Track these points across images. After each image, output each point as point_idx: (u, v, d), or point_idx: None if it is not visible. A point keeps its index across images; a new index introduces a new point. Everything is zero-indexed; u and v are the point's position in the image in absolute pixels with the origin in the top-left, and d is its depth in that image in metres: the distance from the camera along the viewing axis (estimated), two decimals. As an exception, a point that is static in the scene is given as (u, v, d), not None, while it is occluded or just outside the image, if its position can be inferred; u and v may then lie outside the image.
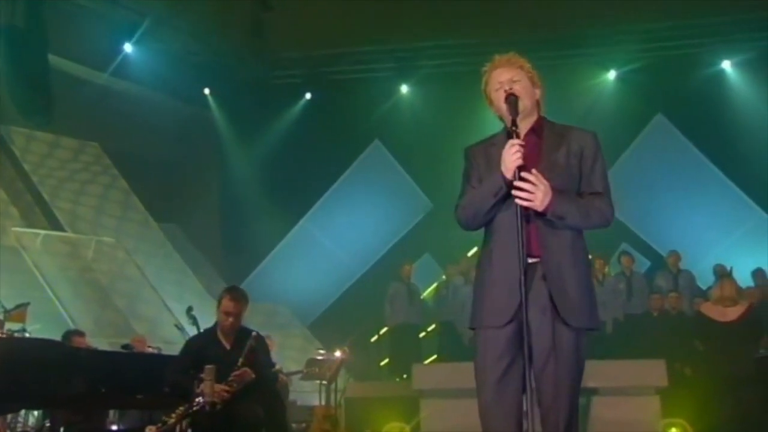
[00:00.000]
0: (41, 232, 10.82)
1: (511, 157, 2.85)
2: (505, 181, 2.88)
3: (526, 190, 2.81)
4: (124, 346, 7.83)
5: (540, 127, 3.11)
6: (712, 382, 6.65)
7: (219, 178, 14.15)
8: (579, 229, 3.00)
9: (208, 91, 13.76)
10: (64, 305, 9.97)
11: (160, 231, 12.35)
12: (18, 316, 7.49)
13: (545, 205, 2.84)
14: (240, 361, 4.92)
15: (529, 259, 2.87)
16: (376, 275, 12.79)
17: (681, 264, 10.50)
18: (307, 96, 14.08)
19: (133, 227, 12.04)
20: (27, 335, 7.19)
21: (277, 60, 13.73)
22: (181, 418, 4.68)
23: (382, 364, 11.67)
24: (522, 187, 2.82)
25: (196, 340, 5.30)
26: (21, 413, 7.08)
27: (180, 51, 12.65)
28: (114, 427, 7.35)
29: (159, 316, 10.54)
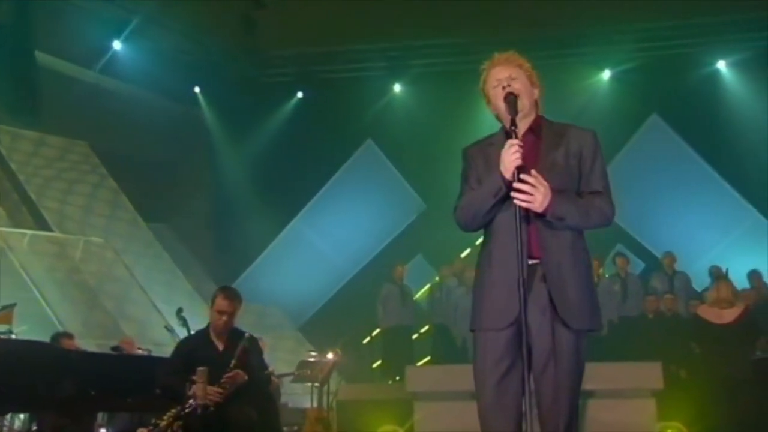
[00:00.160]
0: (28, 232, 10.75)
1: (510, 157, 2.83)
2: (505, 182, 2.87)
3: (525, 191, 2.81)
4: (114, 348, 7.79)
5: (538, 127, 3.09)
6: (709, 385, 6.67)
7: (209, 178, 14.12)
8: (579, 229, 2.99)
9: (198, 89, 13.75)
10: (51, 306, 9.90)
11: (150, 231, 12.29)
12: (4, 318, 7.43)
13: (544, 207, 2.83)
14: (232, 363, 4.90)
15: (529, 261, 2.87)
16: (369, 276, 12.80)
17: (676, 265, 10.55)
18: (299, 95, 14.07)
19: (121, 227, 11.98)
20: (13, 337, 7.14)
21: (269, 58, 13.72)
22: (173, 421, 4.66)
23: (375, 366, 11.66)
24: (521, 188, 2.81)
25: (188, 342, 5.28)
26: (7, 416, 7.03)
27: (170, 49, 12.61)
28: (103, 431, 7.30)
29: (148, 317, 10.49)
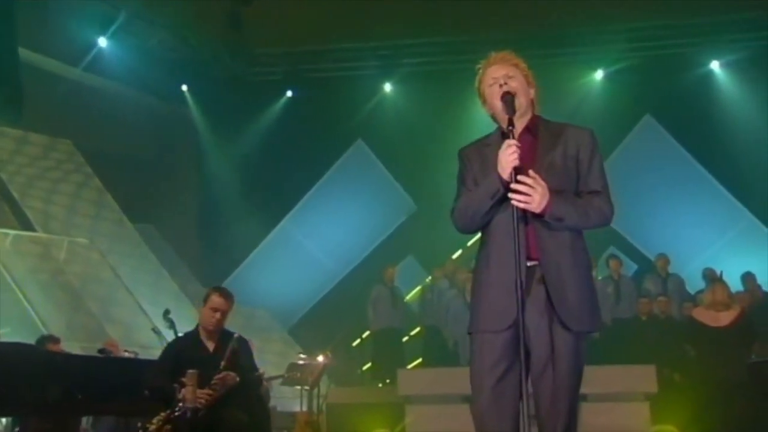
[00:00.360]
0: (11, 232, 10.66)
1: (508, 157, 2.84)
2: (502, 183, 2.87)
3: (522, 191, 2.81)
4: (100, 351, 7.74)
5: (535, 126, 3.10)
6: (703, 388, 6.69)
7: (197, 178, 14.09)
8: (578, 230, 3.00)
9: (185, 87, 13.71)
10: (34, 308, 9.83)
11: (136, 231, 12.21)
12: (-15, 320, 7.39)
13: (542, 207, 2.84)
14: (222, 364, 4.88)
15: (528, 262, 2.86)
16: (358, 278, 12.80)
17: (670, 268, 10.60)
18: (288, 94, 14.06)
19: (107, 227, 11.89)
20: (-4, 339, 7.11)
21: (257, 56, 13.67)
22: (163, 425, 4.64)
23: (364, 369, 11.66)
24: (519, 189, 2.81)
25: (177, 343, 5.25)
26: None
27: (156, 46, 12.54)
28: (87, 435, 7.28)
29: (134, 319, 10.43)
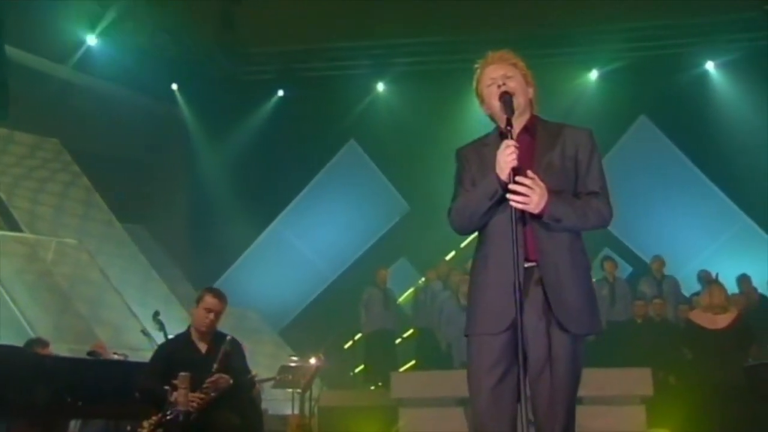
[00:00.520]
0: (-4, 232, 10.64)
1: (506, 158, 2.84)
2: (501, 184, 2.87)
3: (521, 192, 2.82)
4: (89, 354, 7.72)
5: (533, 126, 3.10)
6: (700, 391, 6.71)
7: (187, 178, 14.05)
8: (577, 231, 3.01)
9: (176, 86, 13.67)
10: (21, 310, 9.77)
11: (125, 232, 12.16)
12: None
13: (541, 208, 2.84)
14: (215, 367, 4.87)
15: (526, 264, 2.87)
16: (351, 279, 12.81)
17: (665, 270, 10.64)
18: (280, 93, 14.06)
19: (95, 228, 11.83)
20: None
21: (249, 55, 13.67)
22: (155, 428, 4.63)
23: (357, 371, 11.66)
24: (517, 189, 2.81)
25: (169, 345, 5.24)
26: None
27: (146, 44, 12.49)
28: (76, 438, 7.24)
29: (124, 321, 10.38)
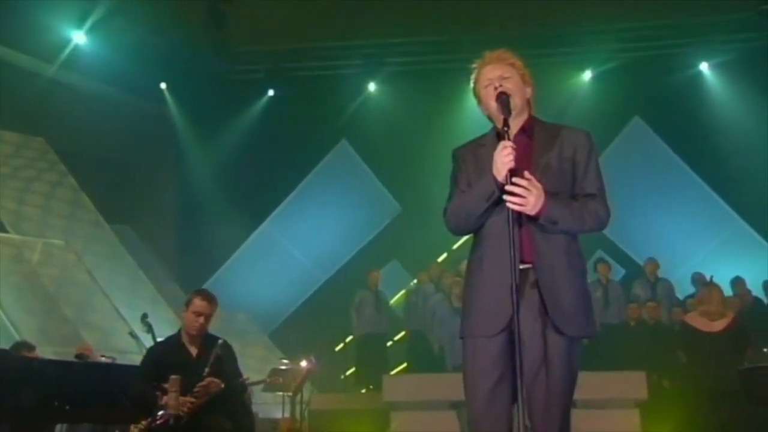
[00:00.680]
0: (-19, 233, 10.59)
1: (503, 159, 2.85)
2: (497, 185, 2.88)
3: (517, 193, 2.83)
4: (77, 357, 7.69)
5: (531, 127, 3.12)
6: (695, 395, 6.74)
7: (176, 178, 14.00)
8: (573, 233, 3.02)
9: (164, 85, 13.63)
10: (6, 312, 9.73)
11: (112, 233, 12.12)
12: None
13: (537, 209, 2.85)
14: (206, 370, 4.86)
15: (521, 265, 2.88)
16: (341, 282, 12.82)
17: (659, 272, 10.67)
18: (270, 92, 14.03)
19: (82, 228, 11.78)
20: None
21: (238, 54, 13.66)
22: (145, 432, 4.62)
23: (347, 374, 11.66)
24: (513, 190, 2.82)
25: (159, 348, 5.23)
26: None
27: (135, 42, 12.43)
28: (62, 443, 7.19)
29: (111, 324, 10.34)
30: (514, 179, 2.83)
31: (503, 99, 2.99)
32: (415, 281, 11.70)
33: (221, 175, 13.39)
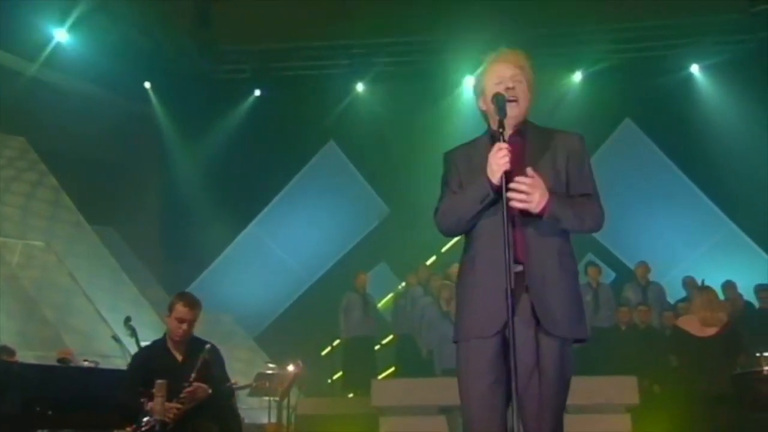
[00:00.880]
0: (-40, 234, 10.49)
1: (499, 161, 2.86)
2: (492, 187, 2.89)
3: (522, 191, 2.84)
4: (60, 361, 7.64)
5: (525, 130, 3.13)
6: (686, 400, 6.75)
7: (160, 179, 13.94)
8: (570, 232, 3.04)
9: (149, 85, 13.57)
10: (-15, 316, 9.65)
11: (94, 234, 12.03)
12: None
13: (542, 207, 2.87)
14: (193, 375, 4.84)
15: (515, 267, 2.87)
16: (329, 284, 12.81)
17: (650, 276, 10.71)
18: (257, 92, 14.00)
19: (63, 229, 11.68)
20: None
21: (225, 53, 13.62)
22: (130, 439, 4.59)
23: (335, 378, 11.64)
24: (518, 188, 2.84)
25: (144, 353, 5.20)
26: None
27: (118, 40, 12.37)
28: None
29: (93, 327, 10.28)
30: (518, 178, 2.85)
31: (498, 99, 2.96)
32: (403, 284, 11.70)
33: (207, 175, 13.34)
